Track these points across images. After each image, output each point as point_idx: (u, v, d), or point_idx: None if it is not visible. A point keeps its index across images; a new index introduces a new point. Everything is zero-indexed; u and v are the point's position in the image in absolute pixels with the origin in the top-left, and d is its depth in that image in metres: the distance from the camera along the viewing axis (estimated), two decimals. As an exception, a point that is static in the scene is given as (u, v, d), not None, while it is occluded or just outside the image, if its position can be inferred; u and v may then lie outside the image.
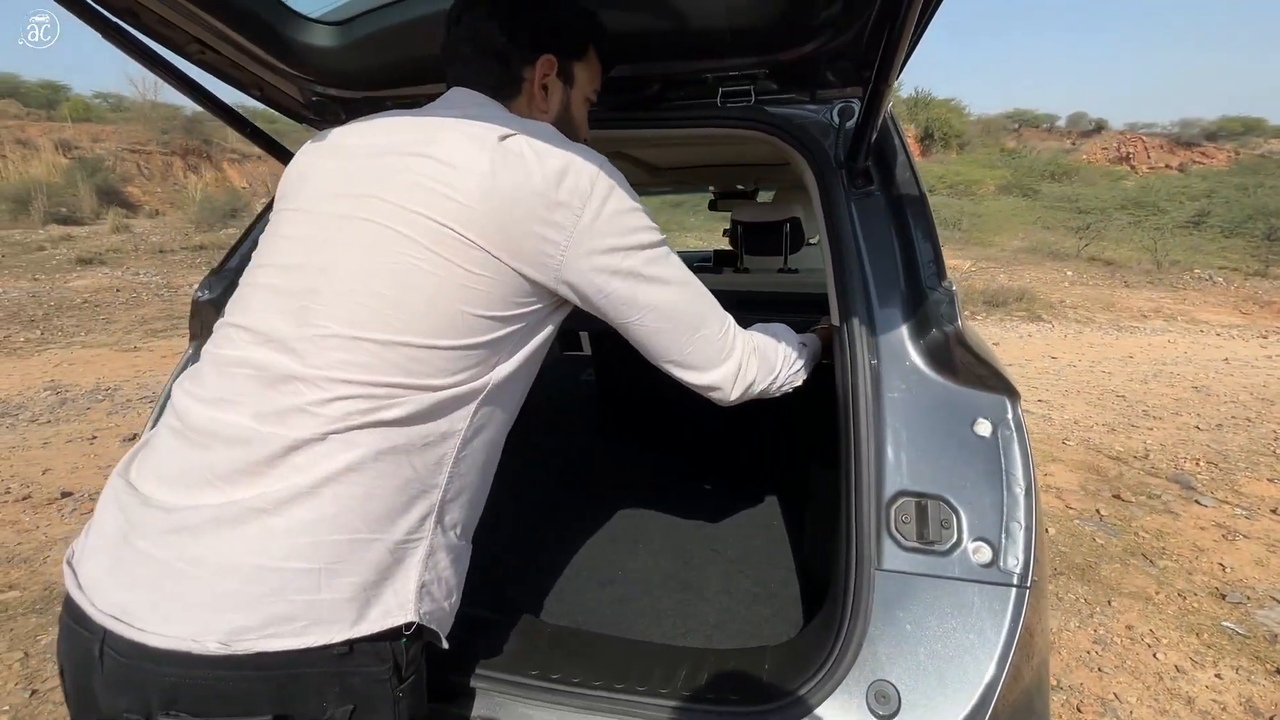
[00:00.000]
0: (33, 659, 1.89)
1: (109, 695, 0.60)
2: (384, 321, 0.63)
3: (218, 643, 0.56)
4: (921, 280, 0.91)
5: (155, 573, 0.59)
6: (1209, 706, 1.76)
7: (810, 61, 1.02)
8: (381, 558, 0.63)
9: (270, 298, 0.68)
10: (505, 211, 0.64)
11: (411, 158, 0.67)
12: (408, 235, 0.64)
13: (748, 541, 1.50)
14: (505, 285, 0.67)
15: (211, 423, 0.63)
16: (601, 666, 0.89)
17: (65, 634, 0.65)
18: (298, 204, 0.73)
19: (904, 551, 0.80)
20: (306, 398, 0.62)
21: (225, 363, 0.67)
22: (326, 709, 0.60)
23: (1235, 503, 3.02)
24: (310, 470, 0.60)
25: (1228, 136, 24.63)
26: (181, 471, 0.63)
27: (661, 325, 0.75)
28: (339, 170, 0.72)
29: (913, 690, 0.74)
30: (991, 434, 0.84)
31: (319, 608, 0.59)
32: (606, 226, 0.68)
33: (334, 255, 0.66)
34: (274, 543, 0.59)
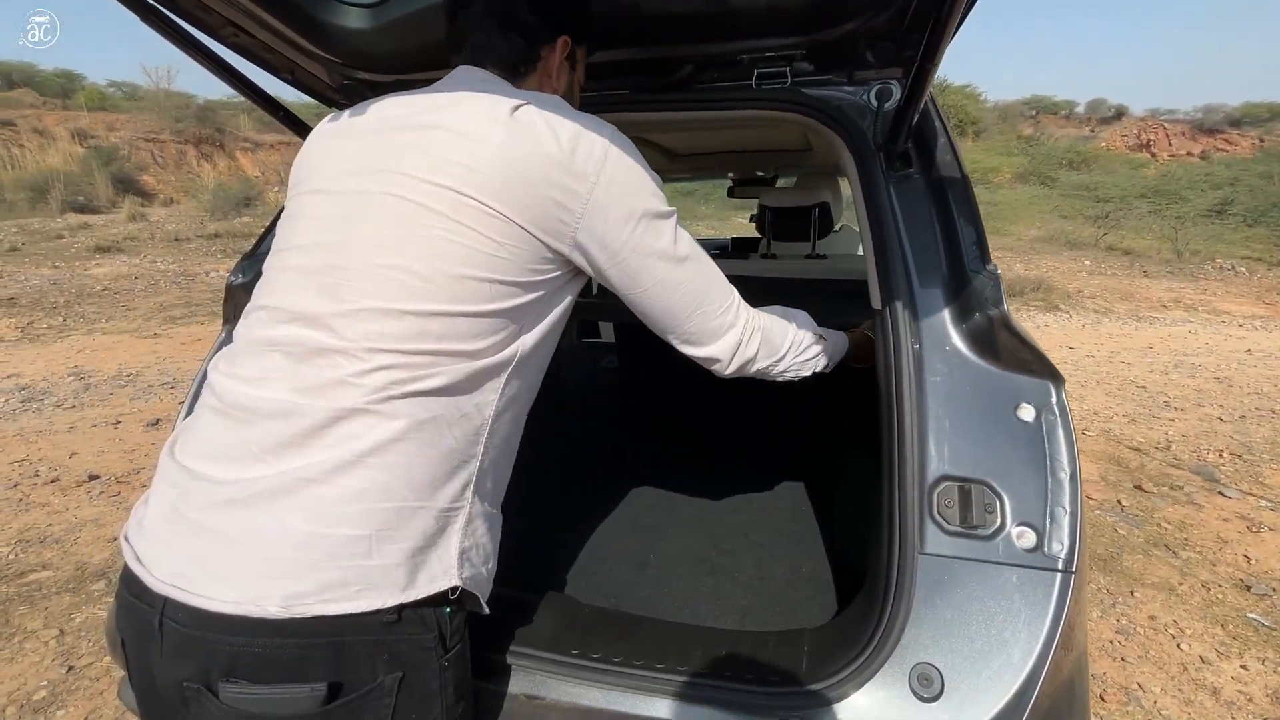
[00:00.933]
0: (68, 636, 1.93)
1: (169, 665, 0.62)
2: (413, 292, 0.64)
3: (278, 606, 0.58)
4: (965, 263, 0.90)
5: (212, 543, 0.61)
6: (1234, 697, 1.75)
7: (849, 41, 1.00)
8: (427, 525, 0.65)
9: (297, 278, 0.69)
10: (522, 179, 0.66)
11: (426, 131, 0.68)
12: (430, 207, 0.65)
13: (779, 527, 1.51)
14: (525, 252, 0.68)
15: (250, 399, 0.65)
16: (640, 646, 0.90)
17: (124, 608, 0.67)
18: (315, 185, 0.74)
19: (947, 535, 0.79)
20: (345, 370, 0.63)
21: (258, 343, 0.68)
22: (377, 675, 0.62)
23: (1260, 494, 2.98)
24: (356, 440, 0.62)
25: (1252, 123, 24.06)
26: (226, 446, 0.64)
27: (666, 296, 0.76)
28: (354, 149, 0.73)
29: (956, 673, 0.75)
30: (1035, 419, 0.83)
31: (370, 573, 0.61)
32: (620, 194, 0.70)
33: (358, 231, 0.67)
34: (325, 510, 0.60)
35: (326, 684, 0.60)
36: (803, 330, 0.92)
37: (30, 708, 1.67)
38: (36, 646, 1.88)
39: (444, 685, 0.66)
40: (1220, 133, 24.13)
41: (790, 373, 0.90)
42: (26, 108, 16.75)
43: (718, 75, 1.12)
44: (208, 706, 0.61)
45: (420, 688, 0.64)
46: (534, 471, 1.85)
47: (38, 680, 1.76)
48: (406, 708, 0.63)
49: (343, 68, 1.23)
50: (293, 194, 0.78)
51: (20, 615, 2.02)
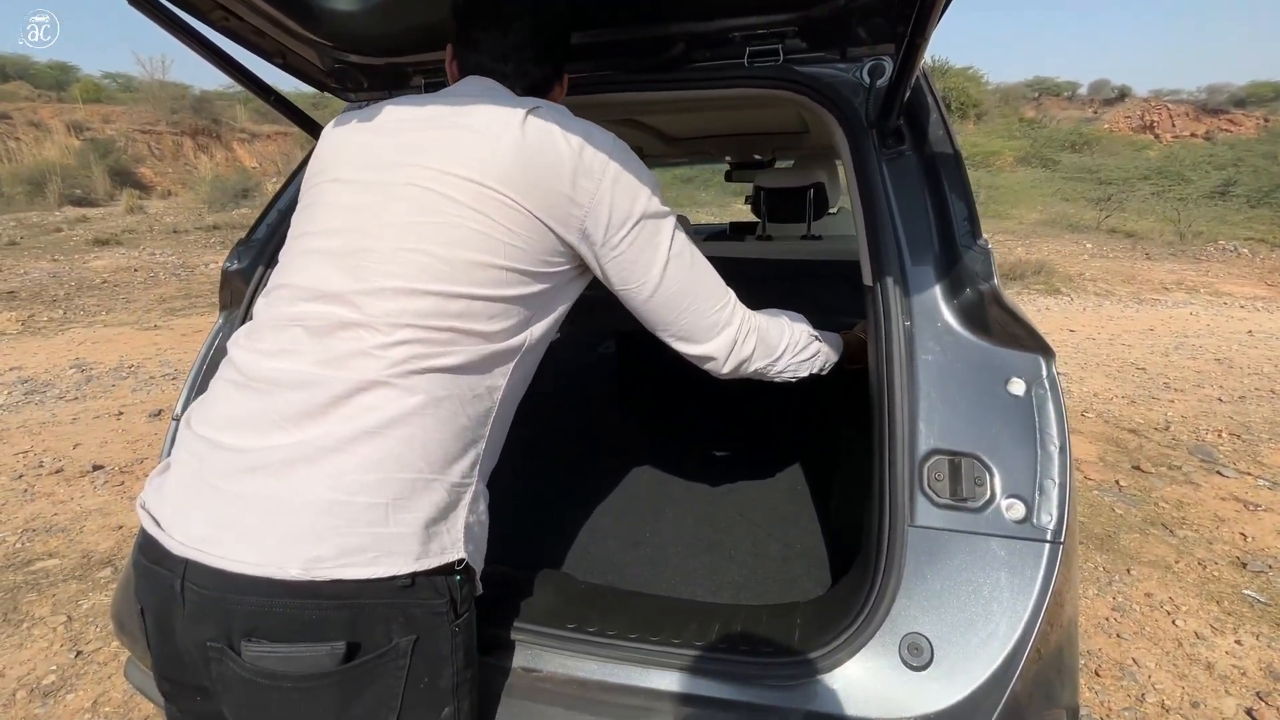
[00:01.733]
0: (76, 622, 1.96)
1: (191, 627, 0.64)
2: (435, 274, 0.68)
3: (299, 569, 0.60)
4: (956, 239, 0.90)
5: (235, 508, 0.63)
6: (1228, 671, 1.77)
7: (841, 17, 0.99)
8: (439, 498, 0.68)
9: (320, 259, 0.72)
10: (538, 172, 0.71)
11: (448, 129, 0.73)
12: (452, 197, 0.69)
13: (775, 504, 1.52)
14: (539, 243, 0.73)
15: (273, 371, 0.67)
16: (636, 621, 0.91)
17: (143, 575, 0.69)
18: (337, 175, 0.77)
19: (937, 508, 0.80)
20: (368, 342, 0.66)
21: (280, 319, 0.71)
22: (392, 638, 0.64)
23: (1257, 474, 2.99)
24: (375, 411, 0.65)
25: (1257, 103, 23.81)
26: (248, 416, 0.67)
27: (660, 292, 0.80)
28: (373, 144, 0.76)
29: (945, 643, 0.76)
30: (1025, 393, 0.84)
31: (387, 540, 0.64)
32: (623, 192, 0.75)
33: (382, 218, 0.71)
34: (345, 479, 0.63)
35: (345, 644, 0.62)
36: (799, 332, 0.94)
37: (40, 692, 1.69)
38: (45, 633, 1.91)
39: (455, 649, 0.69)
40: (1224, 113, 23.90)
41: (788, 373, 0.93)
42: (22, 100, 16.65)
43: (710, 54, 1.11)
44: (230, 665, 0.63)
45: (433, 651, 0.67)
46: (533, 453, 1.86)
47: (47, 665, 1.78)
48: (420, 670, 0.66)
49: (333, 51, 1.23)
50: (309, 185, 0.81)
51: (28, 602, 2.05)
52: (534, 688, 0.82)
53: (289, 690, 0.62)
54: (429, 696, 0.67)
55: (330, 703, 0.63)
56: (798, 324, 0.96)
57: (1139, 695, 1.69)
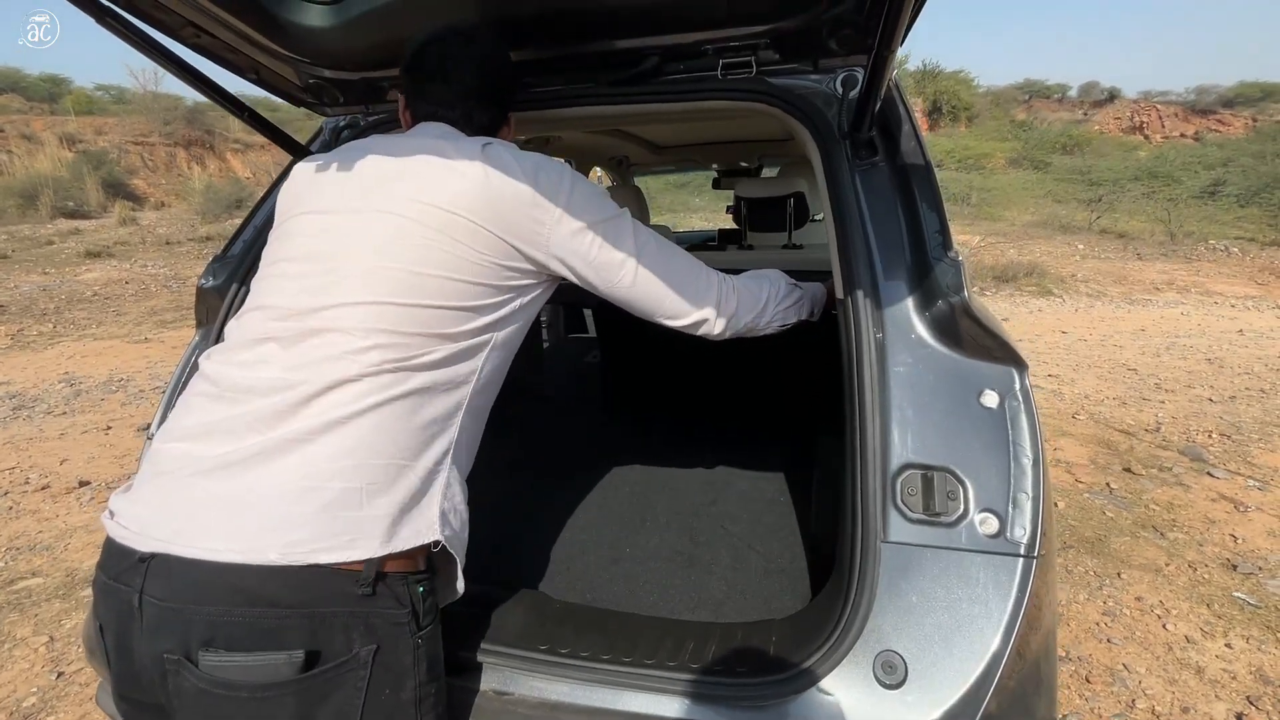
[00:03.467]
0: (58, 643, 1.93)
1: (149, 641, 0.64)
2: (407, 288, 0.73)
3: (277, 553, 0.62)
4: (928, 251, 0.90)
5: (210, 502, 0.65)
6: (1219, 675, 1.77)
7: (812, 29, 0.99)
8: (412, 483, 0.71)
9: (293, 282, 0.77)
10: (501, 199, 0.78)
11: (414, 165, 0.79)
12: (421, 222, 0.75)
13: (756, 519, 1.51)
14: (505, 260, 0.79)
15: (246, 380, 0.71)
16: (610, 640, 0.90)
17: (102, 593, 0.69)
18: (306, 208, 0.83)
19: (910, 524, 0.80)
20: (340, 346, 0.70)
21: (254, 335, 0.75)
22: (352, 647, 0.64)
23: (1248, 474, 3.00)
24: (347, 405, 0.68)
25: (1245, 103, 24.00)
26: (221, 422, 0.69)
27: (641, 282, 0.87)
28: (343, 179, 0.82)
29: (919, 660, 0.75)
30: (998, 405, 0.83)
31: (362, 524, 0.66)
32: (579, 207, 0.82)
33: (354, 243, 0.76)
34: (318, 466, 0.66)
35: (304, 652, 0.62)
36: (779, 281, 1.03)
37: (20, 714, 1.67)
38: (26, 653, 1.89)
39: (417, 662, 0.69)
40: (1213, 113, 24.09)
41: (776, 322, 1.01)
42: (14, 113, 16.62)
43: (683, 66, 1.11)
44: (187, 677, 0.62)
45: (394, 663, 0.67)
46: (513, 466, 1.85)
47: (28, 687, 1.76)
48: (381, 681, 0.66)
49: (308, 66, 1.22)
50: (282, 219, 0.86)
51: (10, 622, 2.02)
52: (505, 711, 0.81)
53: (245, 700, 0.62)
54: (390, 709, 0.67)
55: (289, 713, 0.62)
56: (775, 276, 1.04)
57: (1129, 701, 1.68)
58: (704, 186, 13.98)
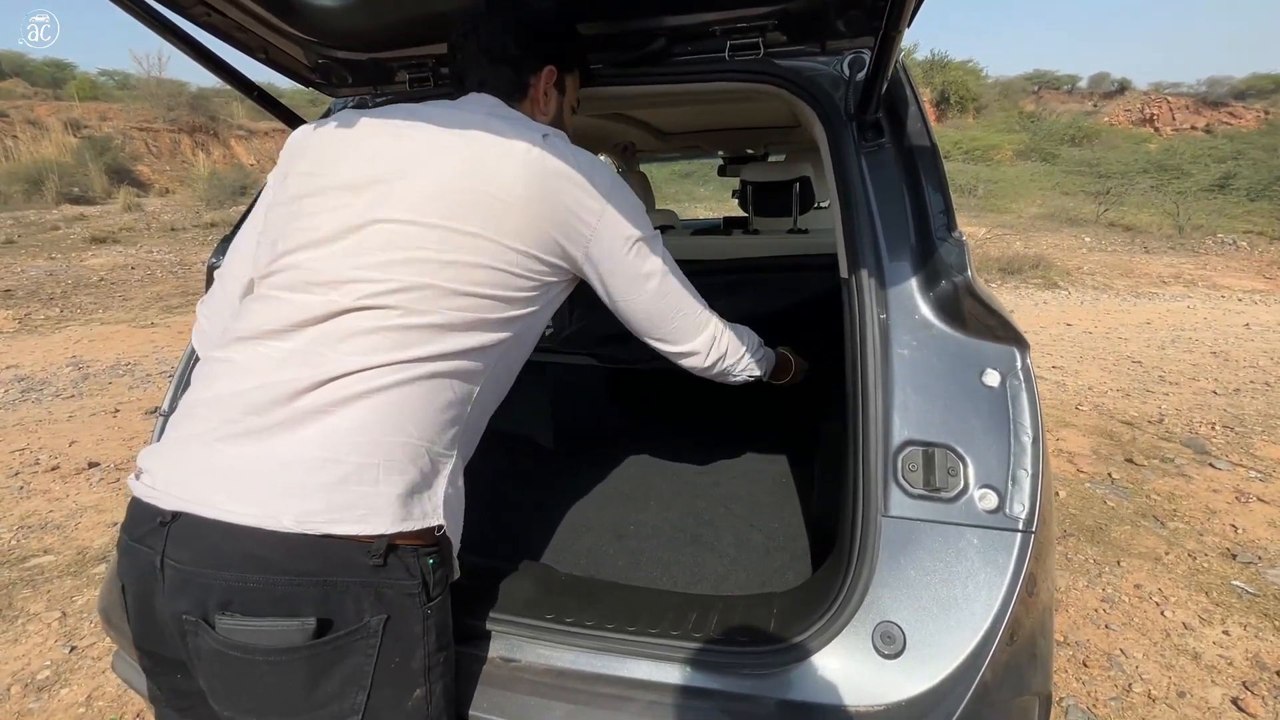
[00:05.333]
0: (70, 618, 1.97)
1: (169, 601, 0.67)
2: (435, 273, 0.73)
3: (292, 520, 0.63)
4: (932, 231, 0.90)
5: (231, 467, 0.66)
6: (1215, 661, 1.78)
7: (820, 11, 1.00)
8: (426, 464, 0.72)
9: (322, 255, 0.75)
10: (554, 192, 0.77)
11: (457, 146, 0.77)
12: (459, 211, 0.74)
13: (758, 497, 1.53)
14: (546, 254, 0.79)
15: (271, 351, 0.71)
16: (614, 611, 0.92)
17: (125, 552, 0.71)
18: (331, 182, 0.78)
19: (910, 499, 0.81)
20: (366, 324, 0.70)
21: (275, 307, 0.74)
22: (363, 616, 0.66)
23: (1250, 466, 3.00)
24: (370, 381, 0.69)
25: (1257, 95, 23.70)
26: (248, 391, 0.69)
27: (654, 301, 0.88)
28: (375, 151, 0.78)
29: (918, 631, 0.77)
30: (1000, 384, 0.84)
31: (375, 499, 0.67)
32: (624, 216, 0.83)
33: (383, 222, 0.74)
34: (337, 439, 0.67)
35: (316, 620, 0.64)
36: (755, 337, 1.07)
37: (34, 686, 1.71)
38: (39, 628, 1.92)
39: (426, 631, 0.70)
40: (1225, 106, 23.81)
41: (746, 372, 1.03)
42: (18, 98, 16.60)
43: (691, 48, 1.11)
44: (204, 638, 0.65)
45: (404, 631, 0.68)
46: (517, 446, 1.87)
47: (41, 660, 1.80)
48: (391, 650, 0.67)
49: (317, 46, 1.23)
50: (296, 186, 0.81)
51: (23, 598, 2.06)
52: (512, 677, 0.83)
53: (259, 664, 0.64)
54: (400, 677, 0.68)
55: (300, 677, 0.64)
56: (754, 334, 1.07)
57: (1126, 685, 1.70)
58: (709, 176, 13.92)
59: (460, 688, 0.81)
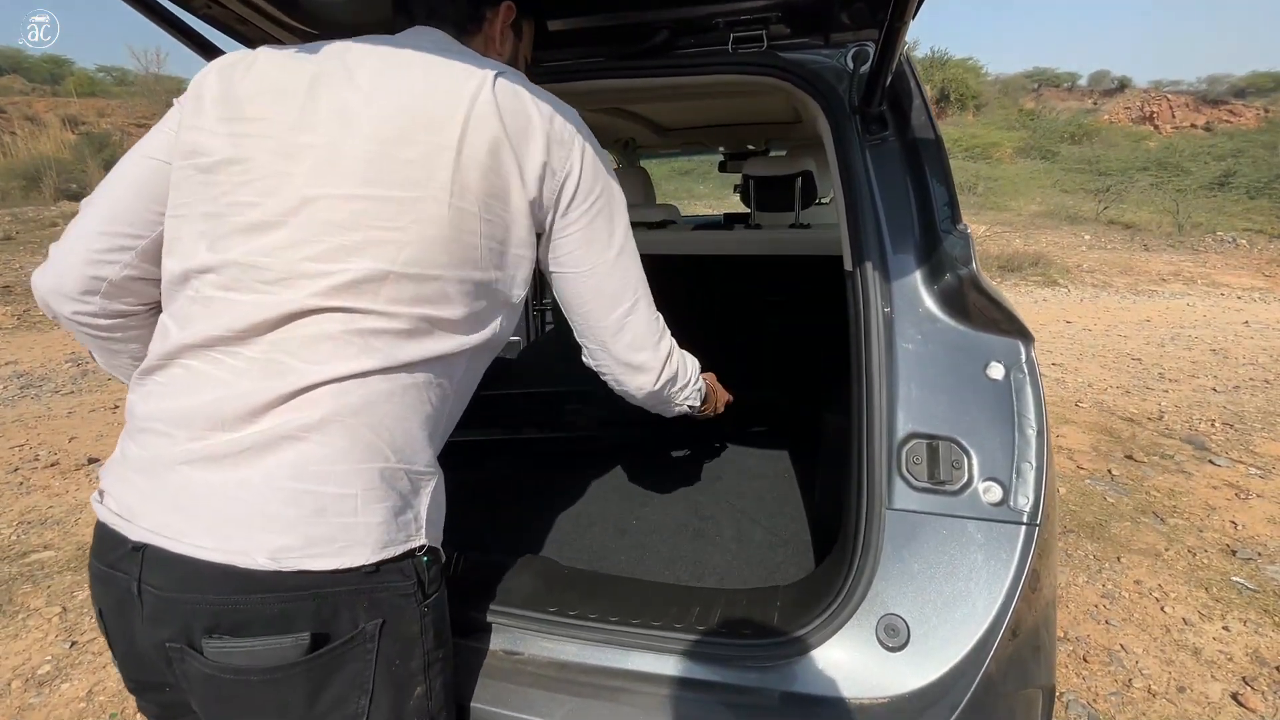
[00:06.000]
0: (70, 613, 1.97)
1: (150, 628, 0.62)
2: (403, 257, 0.64)
3: (266, 558, 0.59)
4: (936, 224, 0.90)
5: (198, 495, 0.61)
6: (1215, 657, 1.79)
7: (824, 3, 0.99)
8: (405, 487, 0.67)
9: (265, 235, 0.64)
10: (516, 139, 0.66)
11: (404, 89, 0.65)
12: (419, 172, 0.64)
13: (761, 491, 1.53)
14: (508, 211, 0.68)
15: (234, 358, 0.63)
16: (617, 604, 0.92)
17: (99, 579, 0.66)
18: (267, 133, 0.65)
19: (915, 491, 0.81)
20: (332, 328, 0.63)
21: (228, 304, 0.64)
22: (359, 623, 0.63)
23: (1250, 463, 3.01)
24: (343, 399, 0.62)
25: (1258, 93, 23.66)
26: (208, 404, 0.62)
27: (612, 276, 0.77)
28: (313, 100, 0.65)
29: (922, 624, 0.76)
30: (1004, 377, 0.84)
31: (355, 530, 0.62)
32: (590, 163, 0.72)
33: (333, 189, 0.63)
34: (312, 468, 0.61)
35: (310, 634, 0.61)
36: (695, 361, 0.93)
37: (35, 681, 1.71)
38: (40, 623, 1.92)
39: (424, 630, 0.68)
40: (1225, 104, 23.78)
41: (687, 402, 0.92)
42: (16, 95, 16.56)
43: (694, 40, 1.11)
44: (191, 663, 0.61)
45: (402, 633, 0.66)
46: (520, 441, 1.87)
47: (42, 655, 1.80)
48: (389, 653, 0.65)
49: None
50: (228, 148, 0.65)
51: (24, 594, 2.06)
52: (515, 670, 0.83)
53: (255, 684, 0.61)
54: (400, 677, 0.67)
55: (300, 691, 0.62)
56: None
57: (1126, 680, 1.71)
58: (709, 173, 13.90)
59: (463, 681, 0.81)
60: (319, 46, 0.70)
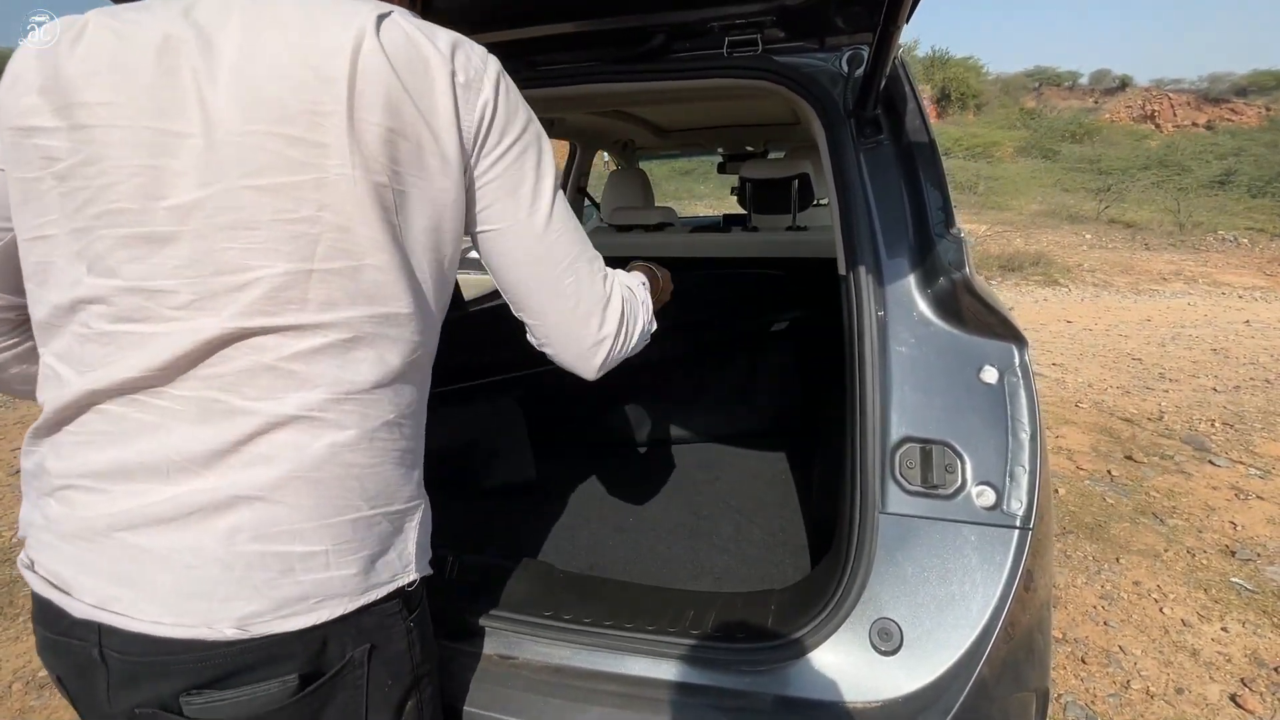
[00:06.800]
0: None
1: (120, 694, 0.56)
2: (320, 252, 0.54)
3: (233, 628, 0.54)
4: (930, 228, 0.90)
5: (145, 565, 0.54)
6: (1214, 658, 1.79)
7: (819, 7, 0.99)
8: (385, 530, 0.62)
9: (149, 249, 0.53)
10: (416, 93, 0.55)
11: (272, 48, 0.53)
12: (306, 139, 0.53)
13: (759, 494, 1.53)
14: (421, 176, 0.57)
15: (161, 400, 0.54)
16: (613, 608, 0.92)
17: (49, 648, 0.59)
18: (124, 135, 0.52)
19: (908, 495, 0.81)
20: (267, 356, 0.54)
21: (139, 349, 0.54)
22: (346, 653, 0.60)
23: (1250, 463, 3.00)
24: (303, 450, 0.55)
25: (1259, 92, 23.62)
26: (140, 456, 0.54)
27: (542, 238, 0.64)
28: (172, 75, 0.52)
29: (915, 627, 0.77)
30: (998, 381, 0.84)
31: (329, 584, 0.57)
32: (505, 107, 0.61)
33: (212, 183, 0.52)
34: (275, 529, 0.55)
35: (297, 675, 0.57)
36: (635, 283, 0.79)
37: (35, 684, 1.71)
38: (40, 626, 1.93)
39: (411, 645, 0.66)
40: (1226, 102, 23.75)
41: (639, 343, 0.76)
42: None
43: (689, 44, 1.11)
44: None
45: (390, 654, 0.63)
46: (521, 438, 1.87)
47: (42, 658, 1.80)
48: (380, 674, 0.63)
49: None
50: (79, 145, 0.52)
51: (24, 597, 2.06)
52: (510, 674, 0.83)
53: None
54: (392, 698, 0.65)
55: None
56: (630, 279, 0.79)
57: (1124, 682, 1.71)
58: (709, 173, 13.91)
59: (458, 685, 0.81)
60: (151, 2, 0.57)
